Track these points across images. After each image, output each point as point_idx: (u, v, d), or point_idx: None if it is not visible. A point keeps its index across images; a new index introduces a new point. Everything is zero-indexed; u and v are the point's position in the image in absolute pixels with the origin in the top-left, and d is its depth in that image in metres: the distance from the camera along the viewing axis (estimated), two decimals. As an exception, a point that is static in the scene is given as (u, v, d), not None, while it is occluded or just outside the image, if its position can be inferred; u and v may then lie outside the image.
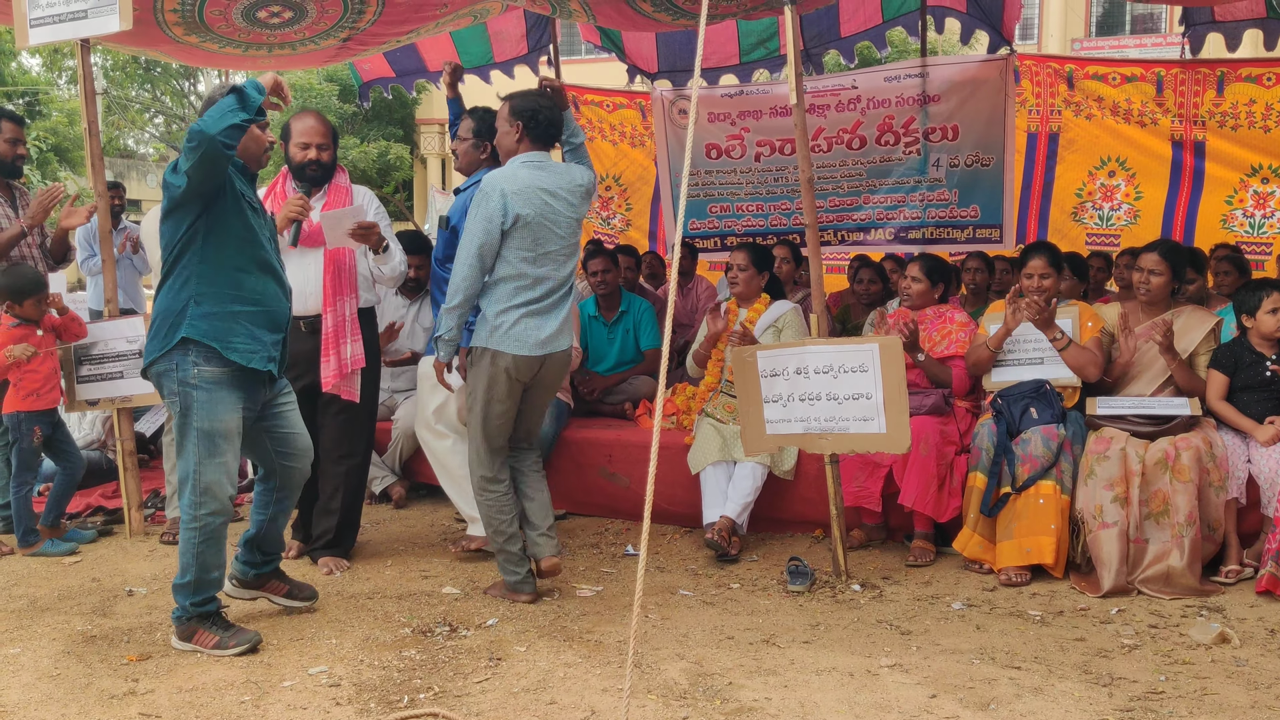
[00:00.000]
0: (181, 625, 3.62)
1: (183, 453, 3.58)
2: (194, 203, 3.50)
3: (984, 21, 6.88)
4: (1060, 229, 7.26)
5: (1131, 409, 4.41)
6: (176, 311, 3.54)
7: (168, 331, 3.54)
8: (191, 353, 3.53)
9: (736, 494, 4.70)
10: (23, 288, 4.71)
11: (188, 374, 3.53)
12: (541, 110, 4.06)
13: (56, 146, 22.84)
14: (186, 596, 3.60)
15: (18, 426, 4.77)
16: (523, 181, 3.94)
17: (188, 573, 3.58)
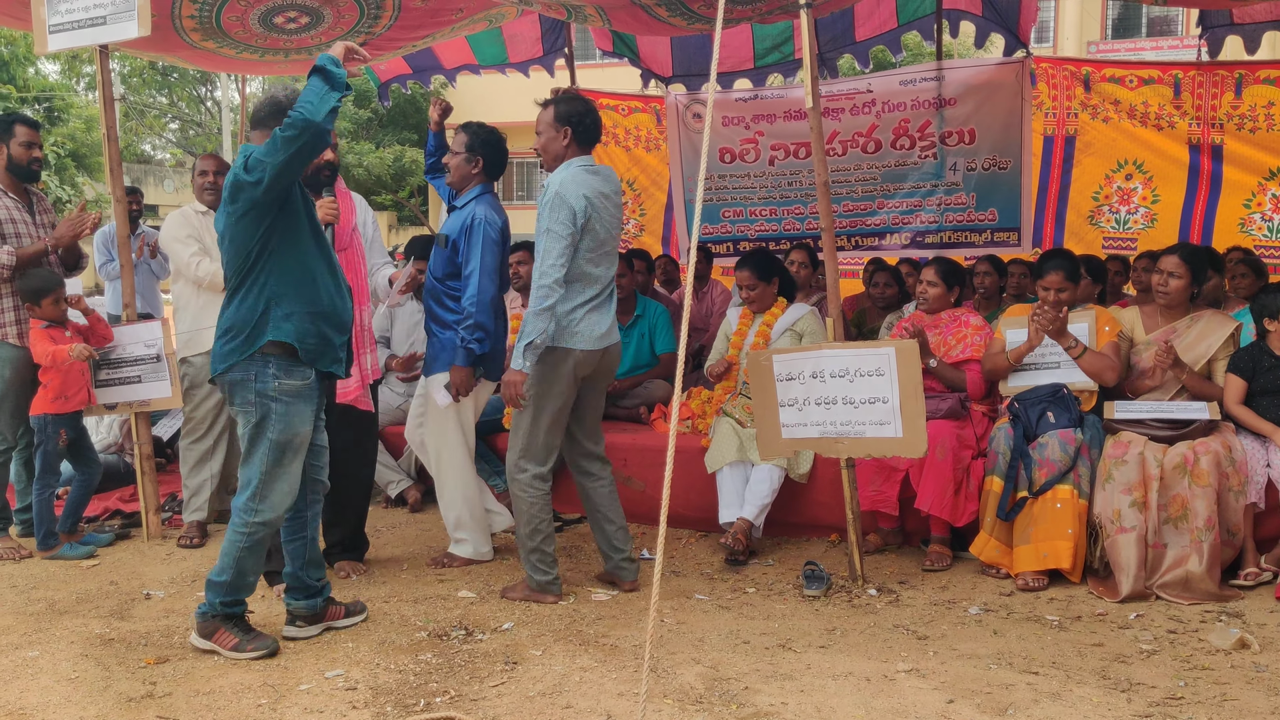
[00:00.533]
0: (204, 622, 3.61)
1: (250, 459, 3.57)
2: (273, 202, 3.49)
3: (999, 24, 6.86)
4: (1077, 232, 7.22)
5: (1150, 413, 4.39)
6: (257, 316, 3.52)
7: (246, 338, 3.51)
8: (272, 364, 3.53)
9: (754, 496, 4.70)
10: (38, 288, 4.74)
11: (267, 386, 3.53)
12: (588, 113, 4.13)
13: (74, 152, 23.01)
14: (218, 594, 3.59)
15: (44, 429, 4.80)
16: (593, 187, 4.04)
17: (225, 573, 3.58)
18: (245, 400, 3.55)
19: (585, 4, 5.30)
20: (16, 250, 4.84)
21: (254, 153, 3.44)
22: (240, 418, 3.59)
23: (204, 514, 5.14)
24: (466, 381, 4.37)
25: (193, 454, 5.17)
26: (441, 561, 4.66)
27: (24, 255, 4.85)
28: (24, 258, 4.85)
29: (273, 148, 3.39)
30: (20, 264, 4.83)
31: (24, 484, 5.06)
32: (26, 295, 4.78)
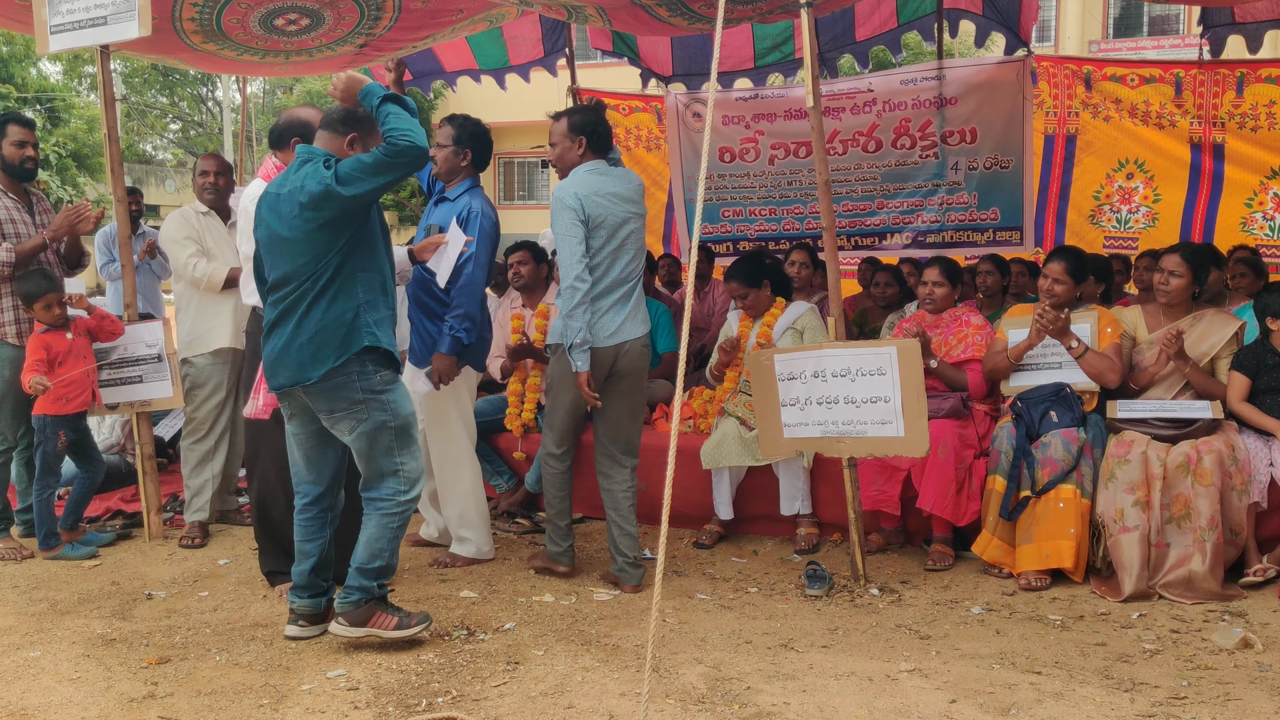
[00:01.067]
0: (357, 609, 3.59)
1: (378, 454, 3.60)
2: (361, 212, 3.55)
3: (1001, 23, 6.86)
4: (1078, 232, 7.22)
5: (1152, 412, 4.38)
6: (349, 321, 3.52)
7: (342, 342, 3.51)
8: (369, 361, 3.56)
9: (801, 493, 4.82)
10: (30, 294, 4.74)
11: (372, 382, 3.57)
12: (600, 123, 4.30)
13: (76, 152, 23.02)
14: (373, 579, 3.62)
15: (43, 429, 4.80)
16: (591, 187, 4.16)
17: (379, 558, 3.61)
18: (351, 401, 3.55)
19: (586, 4, 5.29)
20: (15, 248, 4.84)
21: (350, 168, 3.45)
22: (346, 420, 3.57)
23: (206, 514, 5.14)
24: (450, 370, 4.40)
25: (194, 454, 5.17)
26: (444, 561, 4.66)
27: (22, 251, 4.84)
28: (22, 254, 4.83)
29: (376, 167, 3.44)
30: (19, 260, 4.82)
31: (25, 484, 5.05)
32: (21, 300, 4.79)
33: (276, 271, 3.60)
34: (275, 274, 3.60)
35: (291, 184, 3.54)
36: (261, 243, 3.65)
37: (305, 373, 3.53)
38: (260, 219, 3.63)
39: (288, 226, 3.52)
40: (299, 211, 3.48)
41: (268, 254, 3.63)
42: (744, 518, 5.04)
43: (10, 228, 4.91)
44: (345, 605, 3.61)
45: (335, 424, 3.60)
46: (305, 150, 3.63)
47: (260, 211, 3.64)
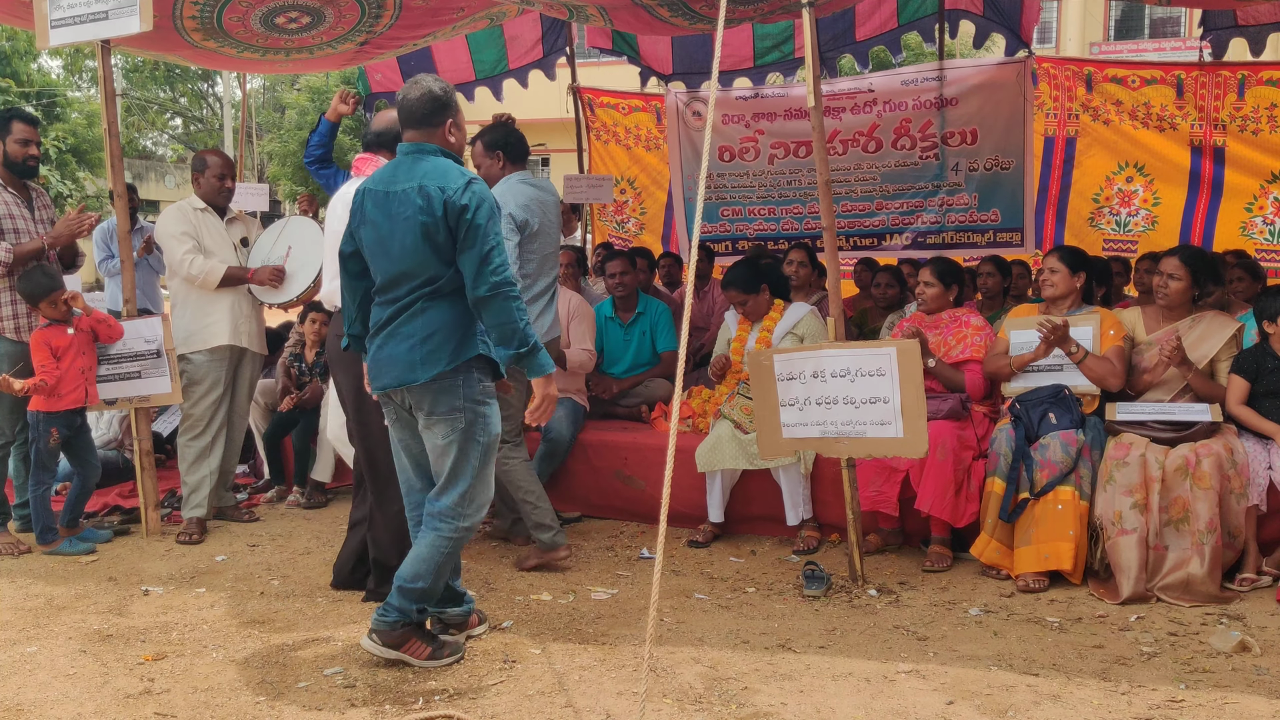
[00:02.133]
0: (393, 631, 3.45)
1: (460, 465, 3.45)
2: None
3: (1001, 24, 6.86)
4: (1077, 234, 7.21)
5: (1152, 415, 4.38)
6: (464, 326, 3.44)
7: (457, 346, 3.42)
8: (475, 370, 3.47)
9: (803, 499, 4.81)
10: (34, 291, 4.75)
11: (474, 390, 3.46)
12: (511, 134, 4.62)
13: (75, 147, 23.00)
14: (412, 601, 3.47)
15: (36, 426, 4.80)
16: (526, 195, 4.42)
17: (421, 579, 3.45)
18: (451, 407, 3.44)
19: (587, 4, 5.29)
20: (14, 247, 4.83)
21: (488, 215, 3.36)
22: (441, 425, 3.46)
23: (203, 510, 5.13)
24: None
25: (191, 450, 5.16)
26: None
27: (21, 253, 4.83)
28: (21, 255, 4.83)
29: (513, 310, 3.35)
30: (17, 261, 4.82)
31: (23, 479, 5.05)
32: (24, 299, 4.79)
33: (387, 272, 3.47)
34: (386, 274, 3.48)
35: (407, 184, 3.42)
36: (369, 243, 3.50)
37: (415, 373, 3.41)
38: (365, 218, 3.50)
39: (405, 227, 3.40)
40: (426, 219, 3.36)
41: (377, 254, 3.48)
42: (741, 519, 5.03)
43: (10, 223, 4.90)
44: (382, 624, 3.46)
45: (430, 426, 3.48)
46: (414, 148, 3.50)
47: (365, 210, 3.51)
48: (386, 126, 4.14)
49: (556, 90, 8.12)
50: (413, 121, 3.53)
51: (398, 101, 3.55)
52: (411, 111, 3.52)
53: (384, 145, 4.10)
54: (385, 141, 4.11)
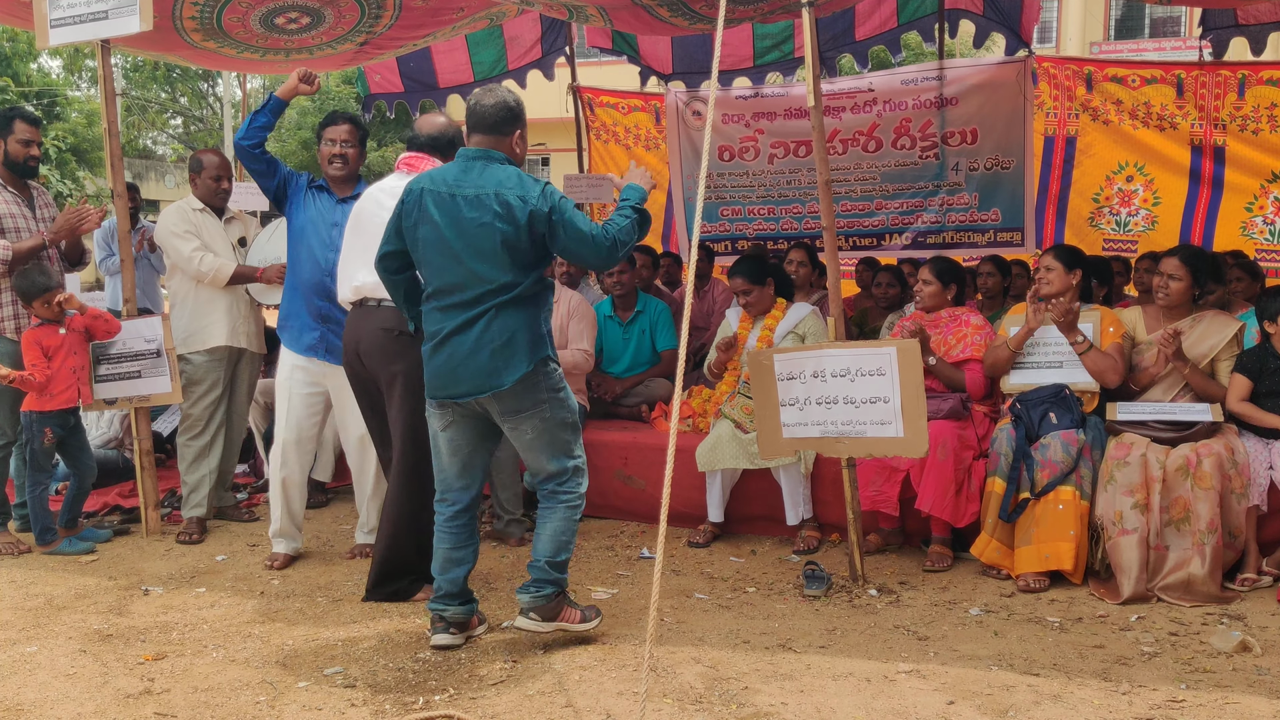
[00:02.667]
0: (549, 604, 3.58)
1: (561, 446, 3.60)
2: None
3: (1001, 24, 6.86)
4: (1078, 234, 7.21)
5: (1152, 415, 4.38)
6: (536, 328, 3.53)
7: (532, 346, 3.50)
8: (550, 360, 3.59)
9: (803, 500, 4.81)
10: (28, 290, 4.75)
11: (553, 380, 3.58)
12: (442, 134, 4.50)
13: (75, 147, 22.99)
14: (562, 572, 3.62)
15: (30, 426, 4.80)
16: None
17: (565, 550, 3.61)
18: (537, 400, 3.53)
19: (587, 4, 5.29)
20: (13, 245, 4.83)
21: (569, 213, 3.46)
22: (531, 420, 3.53)
23: (203, 510, 5.13)
24: None
25: (191, 450, 5.16)
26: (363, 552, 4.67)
27: (20, 250, 4.83)
28: (20, 253, 4.83)
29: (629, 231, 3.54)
30: (16, 259, 4.81)
31: (23, 479, 5.05)
32: (19, 296, 4.79)
33: (450, 275, 3.47)
34: (448, 277, 3.48)
35: (480, 189, 3.44)
36: (426, 241, 3.50)
37: (499, 379, 3.45)
38: (424, 217, 3.50)
39: (480, 233, 3.43)
40: (508, 224, 3.41)
41: (436, 254, 3.48)
42: (741, 518, 5.03)
43: (10, 222, 4.90)
44: (539, 600, 3.56)
45: (519, 423, 3.53)
46: (481, 153, 3.54)
47: (424, 209, 3.50)
48: (440, 131, 4.20)
49: (556, 90, 8.12)
50: (483, 127, 3.57)
51: (470, 106, 3.60)
52: (484, 117, 3.57)
53: (437, 149, 4.15)
54: (440, 145, 4.16)
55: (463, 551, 3.69)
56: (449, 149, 4.09)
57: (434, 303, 3.54)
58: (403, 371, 3.98)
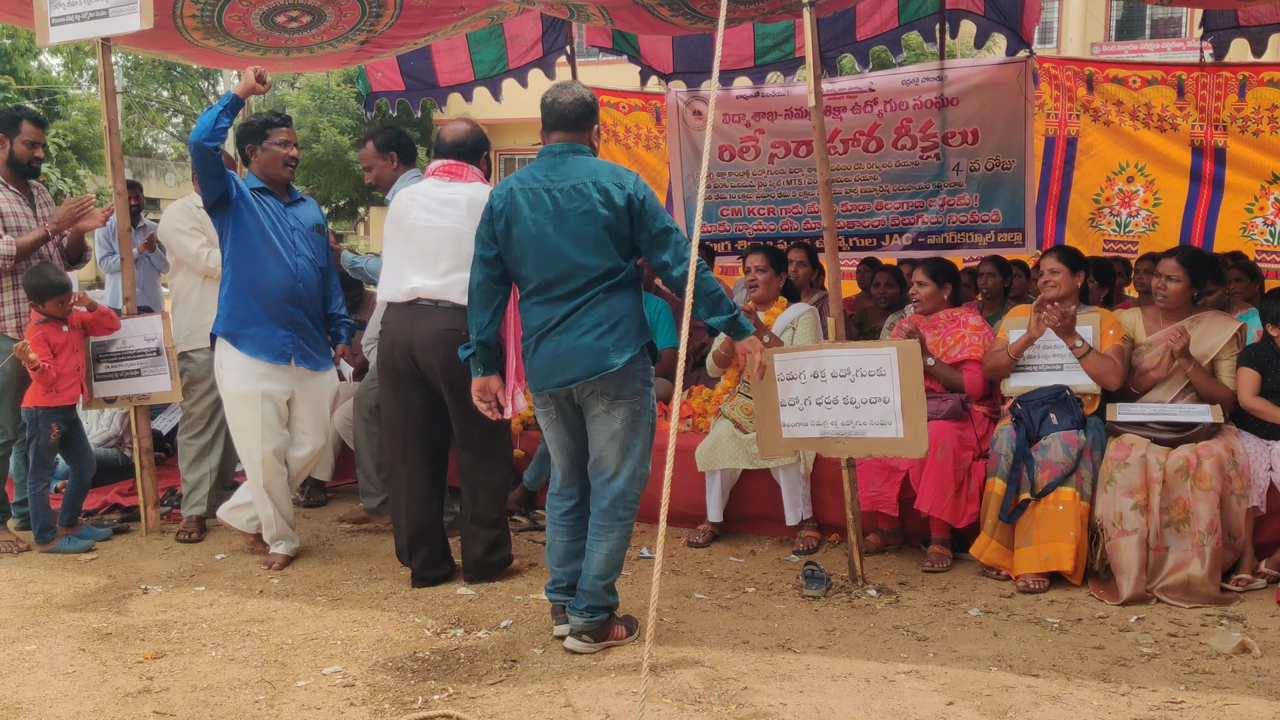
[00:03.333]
0: (603, 627, 3.62)
1: (633, 446, 3.59)
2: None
3: (1002, 24, 6.85)
4: (1078, 235, 7.21)
5: (1152, 416, 4.38)
6: (639, 312, 3.59)
7: (638, 330, 3.56)
8: (647, 352, 3.63)
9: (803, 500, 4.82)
10: (45, 288, 4.74)
11: (649, 373, 3.61)
12: (402, 134, 4.93)
13: (75, 145, 22.99)
14: (615, 594, 3.66)
15: (35, 423, 4.80)
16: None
17: (618, 570, 3.63)
18: (633, 391, 3.55)
19: (587, 3, 5.28)
20: (16, 240, 4.83)
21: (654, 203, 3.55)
22: (624, 408, 3.56)
23: (203, 509, 5.13)
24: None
25: (191, 449, 5.16)
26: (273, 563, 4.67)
27: (23, 244, 4.83)
28: (24, 246, 4.83)
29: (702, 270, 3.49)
30: (21, 253, 4.82)
31: (23, 477, 5.05)
32: (33, 293, 4.77)
33: (553, 268, 3.52)
34: (550, 271, 3.53)
35: (577, 180, 3.52)
36: (524, 240, 3.55)
37: (609, 360, 3.48)
38: (519, 217, 3.56)
39: (582, 221, 3.50)
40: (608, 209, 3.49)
41: (536, 251, 3.54)
42: (740, 519, 5.03)
43: (12, 220, 4.91)
44: (592, 624, 3.58)
45: (611, 410, 3.55)
46: (568, 148, 3.60)
47: (518, 210, 3.57)
48: (466, 136, 4.37)
49: (557, 89, 8.10)
50: (565, 124, 3.64)
51: (546, 104, 3.66)
52: (565, 114, 3.64)
53: (462, 155, 4.35)
54: (466, 151, 4.35)
55: (581, 544, 3.71)
56: (477, 154, 4.36)
57: (535, 298, 3.59)
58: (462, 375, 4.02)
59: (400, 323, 4.22)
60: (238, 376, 4.57)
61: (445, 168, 4.32)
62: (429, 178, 4.37)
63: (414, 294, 4.17)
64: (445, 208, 4.19)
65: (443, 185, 4.27)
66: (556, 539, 3.75)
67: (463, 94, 7.91)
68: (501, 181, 3.66)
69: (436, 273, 4.16)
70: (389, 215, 4.40)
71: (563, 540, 3.73)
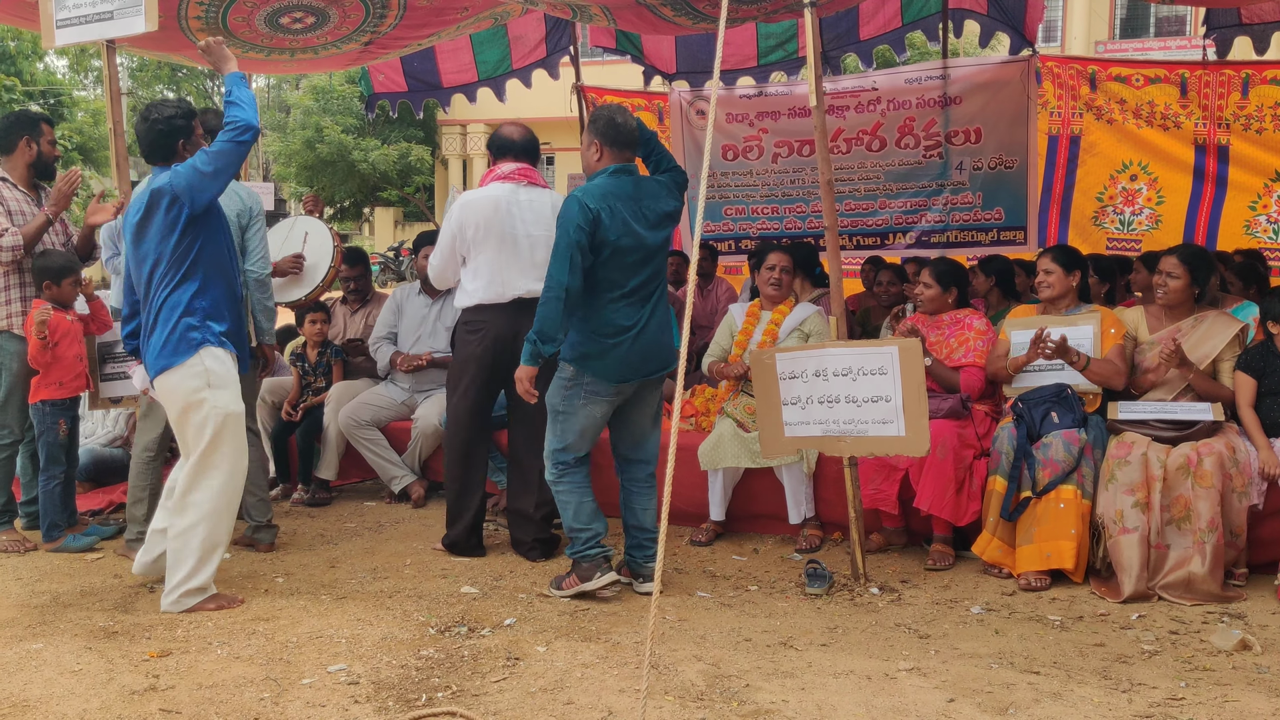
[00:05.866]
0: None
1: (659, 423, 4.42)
2: None
3: (1006, 23, 6.86)
4: (1081, 233, 7.21)
5: (1153, 414, 4.38)
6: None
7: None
8: None
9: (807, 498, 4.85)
10: (61, 268, 4.79)
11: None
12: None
13: (81, 146, 23.04)
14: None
15: (43, 419, 4.82)
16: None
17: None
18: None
19: (591, 4, 5.30)
20: (20, 229, 4.84)
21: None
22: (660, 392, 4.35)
23: (208, 508, 5.14)
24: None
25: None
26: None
27: (28, 233, 4.82)
28: (29, 235, 4.82)
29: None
30: (28, 242, 4.82)
31: (29, 477, 5.08)
32: (48, 274, 4.80)
33: (642, 274, 4.10)
34: (643, 275, 4.10)
35: (657, 197, 4.15)
36: (629, 248, 4.03)
37: (674, 353, 4.14)
38: (626, 229, 4.01)
39: (663, 233, 4.18)
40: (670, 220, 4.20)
41: (635, 258, 4.06)
42: (743, 517, 5.05)
43: (20, 220, 4.94)
44: (650, 567, 4.17)
45: (657, 390, 4.31)
46: (633, 167, 4.15)
47: (622, 220, 4.01)
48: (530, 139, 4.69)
49: (560, 89, 8.12)
50: (631, 144, 4.16)
51: (618, 123, 4.11)
52: (631, 135, 4.15)
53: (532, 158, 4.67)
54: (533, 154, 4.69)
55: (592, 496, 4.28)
56: (539, 155, 4.75)
57: (624, 301, 4.08)
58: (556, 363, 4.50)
59: (504, 320, 4.56)
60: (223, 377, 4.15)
61: (521, 171, 4.62)
62: (507, 181, 4.54)
63: (518, 295, 4.55)
64: (537, 215, 4.58)
65: (526, 190, 4.61)
66: (585, 499, 4.23)
67: (466, 95, 7.93)
68: (583, 193, 4.01)
69: (536, 276, 4.48)
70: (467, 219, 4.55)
71: (589, 499, 4.25)
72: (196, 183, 3.97)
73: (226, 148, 3.98)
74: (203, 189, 3.99)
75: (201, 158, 4.01)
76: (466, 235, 4.55)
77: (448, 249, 4.65)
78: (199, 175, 3.97)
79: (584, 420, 4.16)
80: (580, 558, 4.17)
